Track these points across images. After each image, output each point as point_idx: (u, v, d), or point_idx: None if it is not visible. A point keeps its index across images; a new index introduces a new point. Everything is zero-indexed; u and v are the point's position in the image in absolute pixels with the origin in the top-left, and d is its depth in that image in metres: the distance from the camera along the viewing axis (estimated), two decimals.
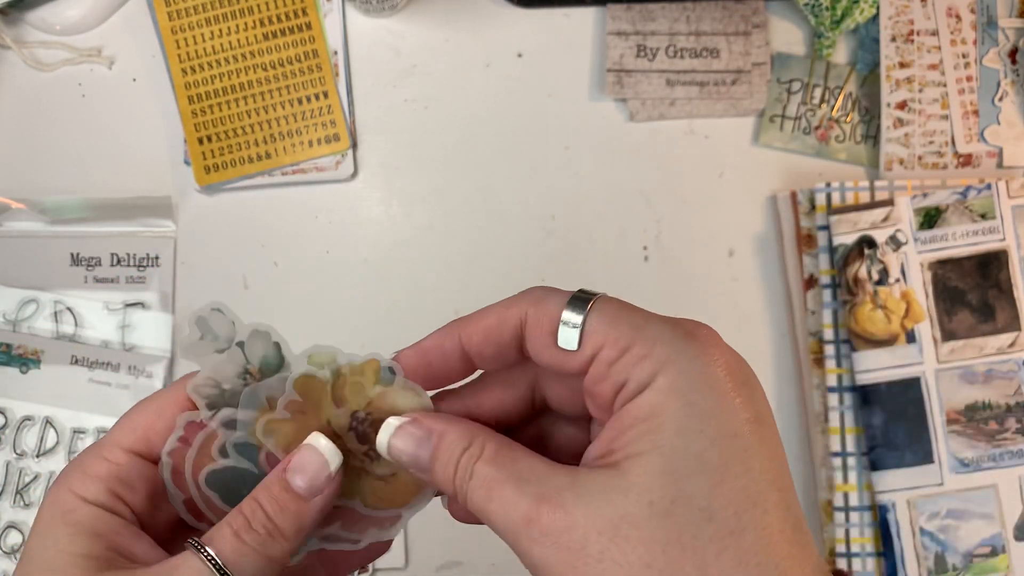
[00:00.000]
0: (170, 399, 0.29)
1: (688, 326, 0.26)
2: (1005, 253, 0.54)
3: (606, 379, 0.25)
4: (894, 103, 0.57)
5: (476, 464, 0.26)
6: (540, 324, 0.27)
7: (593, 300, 0.26)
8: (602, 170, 0.59)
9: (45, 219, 0.57)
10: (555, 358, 0.27)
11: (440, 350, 0.29)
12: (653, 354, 0.24)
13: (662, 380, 0.24)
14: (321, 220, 0.59)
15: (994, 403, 0.53)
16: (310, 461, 0.28)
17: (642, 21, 0.59)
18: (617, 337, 0.25)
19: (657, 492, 0.23)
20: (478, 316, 0.28)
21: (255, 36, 0.58)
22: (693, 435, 0.23)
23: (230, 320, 0.29)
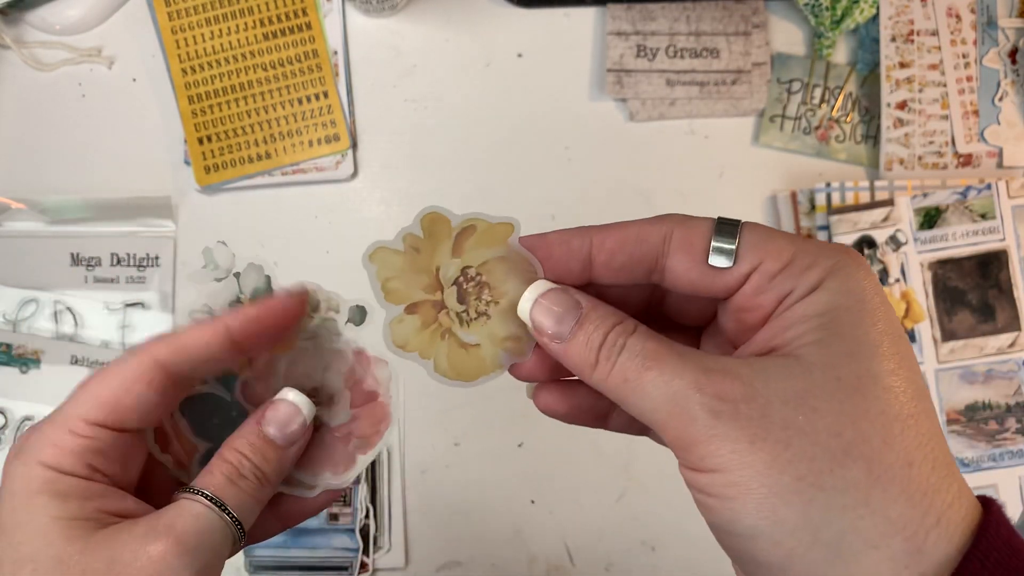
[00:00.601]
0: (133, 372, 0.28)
1: (841, 246, 0.26)
2: (1005, 253, 0.54)
3: (768, 291, 0.25)
4: (894, 103, 0.57)
5: (630, 338, 0.26)
6: (691, 242, 0.27)
7: (741, 223, 0.27)
8: (602, 170, 0.59)
9: (45, 219, 0.57)
10: (704, 276, 0.26)
11: (566, 245, 0.28)
12: (818, 263, 0.25)
13: (832, 283, 0.25)
14: (321, 220, 0.59)
15: (994, 403, 0.53)
16: (283, 411, 0.30)
17: (642, 21, 0.59)
18: (778, 251, 0.26)
19: (844, 369, 0.23)
20: (615, 225, 0.28)
21: (255, 36, 0.58)
22: (869, 327, 0.24)
23: (231, 253, 0.31)
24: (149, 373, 0.28)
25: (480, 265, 0.28)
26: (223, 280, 0.31)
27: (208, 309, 0.31)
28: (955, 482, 0.23)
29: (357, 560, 0.55)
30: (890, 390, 0.23)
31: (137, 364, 0.28)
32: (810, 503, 0.22)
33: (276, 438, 0.30)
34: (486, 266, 0.28)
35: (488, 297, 0.28)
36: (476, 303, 0.29)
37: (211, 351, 0.29)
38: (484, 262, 0.28)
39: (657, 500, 0.57)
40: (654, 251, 0.27)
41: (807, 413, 0.23)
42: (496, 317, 0.28)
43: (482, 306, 0.29)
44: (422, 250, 0.29)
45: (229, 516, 0.28)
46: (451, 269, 0.29)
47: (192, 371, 0.29)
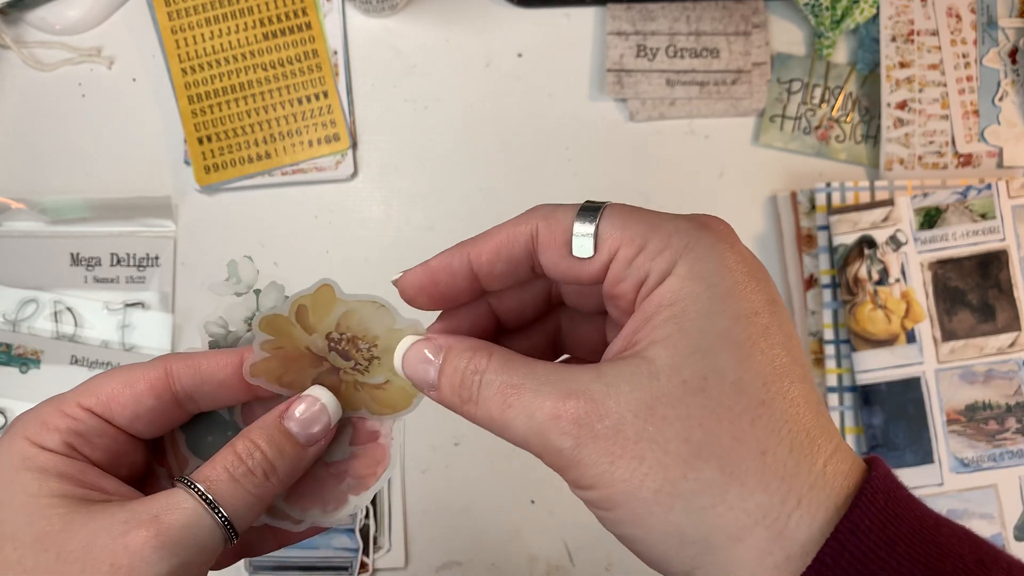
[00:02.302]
0: (140, 373, 0.28)
1: (702, 219, 0.26)
2: (1005, 253, 0.54)
3: (626, 278, 0.25)
4: (894, 103, 0.57)
5: (485, 375, 0.26)
6: (553, 236, 0.27)
7: (603, 207, 0.26)
8: (602, 170, 0.59)
9: (45, 219, 0.57)
10: (571, 268, 0.26)
11: (448, 269, 0.28)
12: (671, 245, 0.25)
13: (682, 267, 0.24)
14: (321, 220, 0.59)
15: (994, 403, 0.53)
16: (309, 408, 0.29)
17: (642, 21, 0.59)
18: (632, 236, 0.25)
19: (688, 370, 0.23)
20: (487, 235, 0.28)
21: (255, 36, 0.58)
22: (717, 315, 0.24)
23: (256, 269, 0.30)
24: (155, 379, 0.28)
25: (336, 327, 0.29)
26: (242, 296, 0.30)
27: (223, 323, 0.30)
28: (822, 454, 0.23)
29: (357, 560, 0.55)
30: (738, 383, 0.23)
31: (148, 368, 0.28)
32: (671, 510, 0.23)
33: (298, 435, 0.28)
34: (340, 326, 0.29)
35: (364, 345, 0.29)
36: (359, 355, 0.29)
37: (222, 380, 0.29)
38: (336, 323, 0.29)
39: None
40: (526, 250, 0.27)
41: (656, 423, 0.23)
42: (384, 357, 0.29)
43: (366, 355, 0.29)
44: (284, 346, 0.29)
45: (219, 515, 0.26)
46: (318, 342, 0.29)
47: (199, 394, 0.29)
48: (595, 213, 0.26)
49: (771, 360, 0.24)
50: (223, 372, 0.29)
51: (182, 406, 0.29)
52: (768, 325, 0.24)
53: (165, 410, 0.29)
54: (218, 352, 0.29)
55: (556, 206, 0.27)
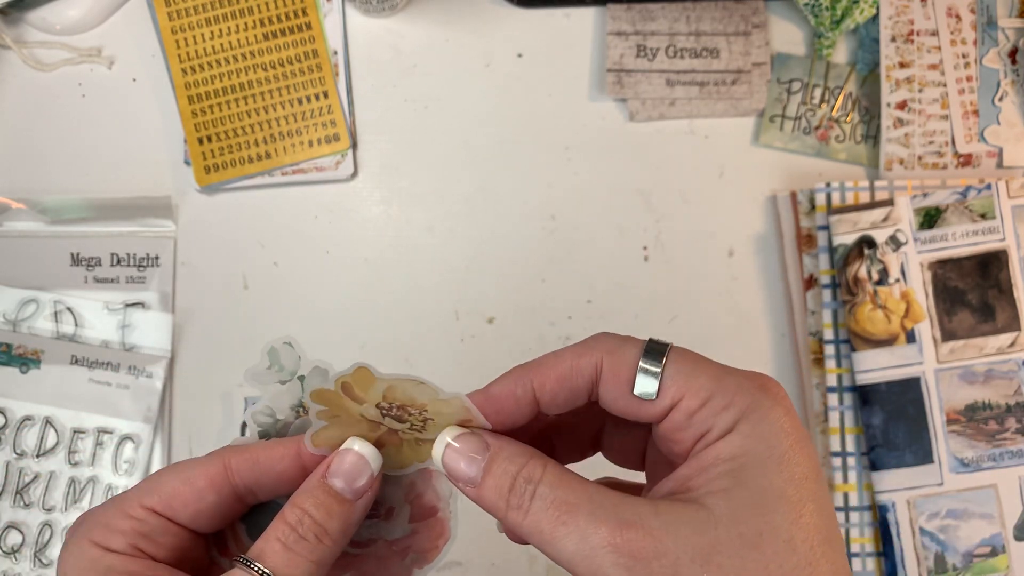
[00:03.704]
0: (201, 470, 0.28)
1: (760, 379, 0.27)
2: (1005, 253, 0.54)
3: (687, 428, 0.27)
4: (894, 103, 0.57)
5: (539, 486, 0.26)
6: (616, 374, 0.28)
7: (668, 350, 0.27)
8: (602, 170, 0.59)
9: (45, 219, 0.57)
10: (631, 407, 0.28)
11: (512, 397, 0.29)
12: (735, 404, 0.26)
13: (745, 426, 0.26)
14: (321, 220, 0.59)
15: (994, 403, 0.53)
16: (350, 463, 0.29)
17: (642, 21, 0.59)
18: (698, 388, 0.27)
19: (745, 525, 0.25)
20: (550, 362, 0.29)
21: (255, 36, 0.58)
22: (774, 476, 0.25)
23: (297, 355, 0.30)
24: (215, 475, 0.28)
25: (381, 398, 0.29)
26: (287, 383, 0.30)
27: (271, 411, 0.30)
28: None
29: None
30: (790, 542, 0.24)
31: (207, 464, 0.29)
32: None
33: (343, 491, 0.28)
34: (387, 397, 0.29)
35: (415, 411, 0.29)
36: (412, 418, 0.29)
37: (280, 471, 0.29)
38: (382, 395, 0.29)
39: None
40: (589, 382, 0.28)
41: (712, 570, 0.24)
42: (437, 419, 0.29)
43: (419, 418, 0.29)
44: (339, 414, 0.29)
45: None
46: (371, 410, 0.29)
47: (258, 487, 0.29)
48: (660, 355, 0.27)
49: (818, 524, 0.25)
50: (281, 464, 0.29)
51: (242, 499, 0.29)
52: (816, 489, 0.26)
53: (226, 504, 0.29)
54: (274, 443, 0.29)
55: (621, 340, 0.28)
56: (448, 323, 0.58)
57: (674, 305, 0.58)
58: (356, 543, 0.31)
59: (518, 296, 0.58)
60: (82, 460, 0.55)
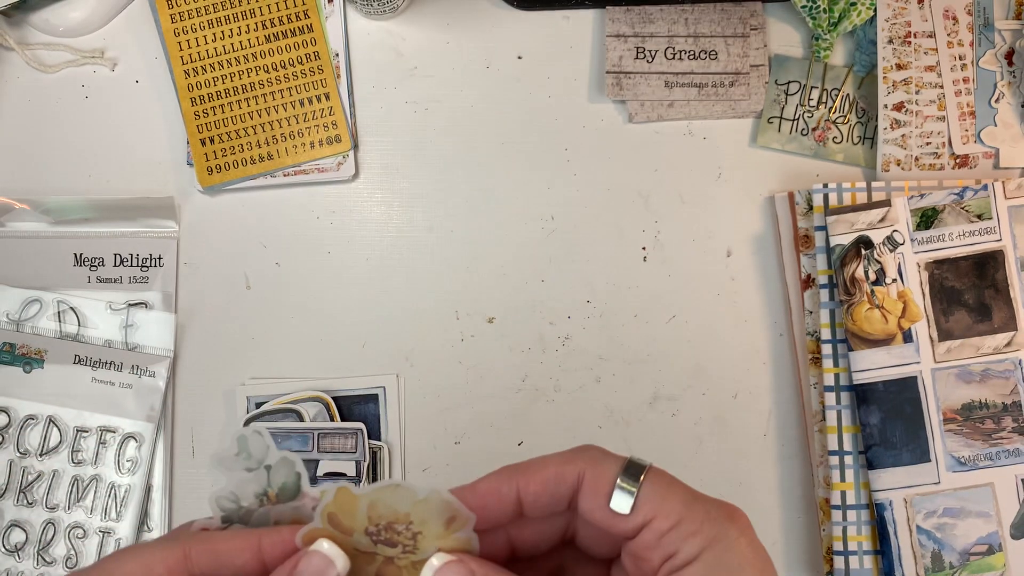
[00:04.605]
0: (159, 557, 0.28)
1: (727, 509, 0.29)
2: (1001, 253, 0.54)
3: (656, 547, 0.28)
4: (891, 104, 0.58)
5: None
6: (596, 485, 0.29)
7: (646, 470, 0.29)
8: (601, 171, 0.59)
9: (48, 219, 0.58)
10: (606, 519, 0.29)
11: (497, 495, 0.30)
12: (702, 531, 0.28)
13: (709, 555, 0.27)
14: (323, 221, 0.59)
15: (991, 402, 0.53)
16: (317, 565, 0.29)
17: (641, 23, 0.59)
18: (669, 511, 0.28)
19: None
20: (536, 467, 0.30)
21: (257, 38, 0.58)
22: None
23: (266, 444, 0.30)
24: (175, 564, 0.28)
25: (368, 521, 0.29)
26: (254, 471, 0.30)
27: (235, 498, 0.30)
28: None
29: None
30: None
31: (166, 551, 0.28)
32: None
33: None
34: (372, 519, 0.29)
35: (401, 527, 0.29)
36: (401, 538, 0.30)
37: (240, 565, 0.29)
38: (367, 518, 0.29)
39: None
40: (570, 489, 0.30)
41: None
42: (423, 529, 0.30)
43: (407, 535, 0.30)
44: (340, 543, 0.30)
45: None
46: (361, 540, 0.30)
47: None
48: (638, 474, 0.29)
49: None
50: (241, 557, 0.29)
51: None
52: None
53: None
54: (236, 535, 0.29)
55: (604, 454, 0.30)
56: (448, 323, 0.58)
57: (672, 305, 0.59)
58: None
59: (518, 296, 0.58)
60: (85, 459, 0.56)
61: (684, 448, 0.58)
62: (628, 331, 0.58)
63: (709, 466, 0.57)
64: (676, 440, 0.58)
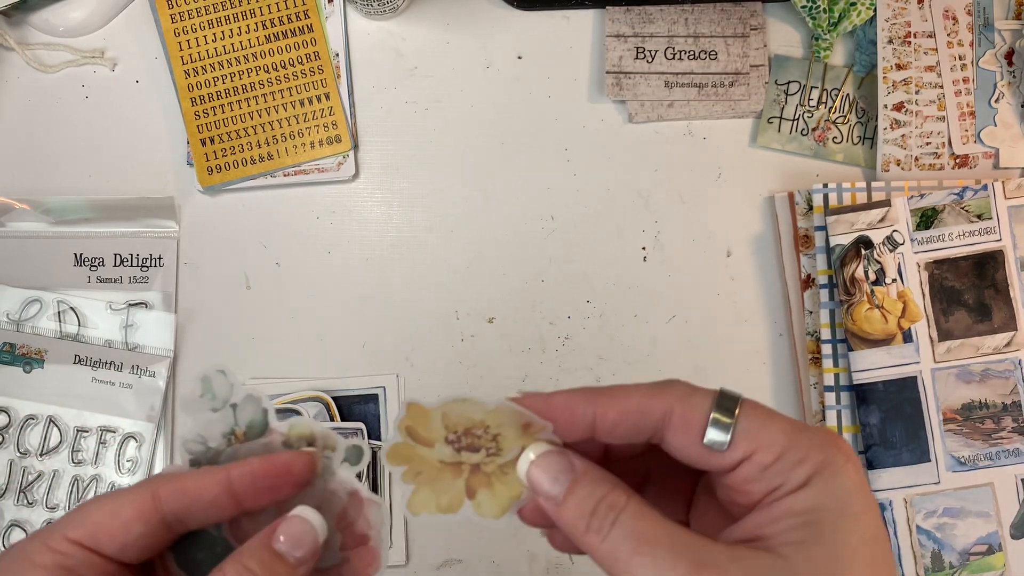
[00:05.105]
0: (127, 500, 0.28)
1: (832, 437, 0.28)
2: (1001, 253, 0.54)
3: (758, 480, 0.27)
4: (891, 104, 0.58)
5: (622, 514, 0.27)
6: (687, 421, 0.28)
7: (740, 403, 0.28)
8: (601, 171, 0.59)
9: (49, 220, 0.58)
10: (701, 456, 0.28)
11: (570, 411, 0.29)
12: (809, 459, 0.27)
13: (819, 482, 0.26)
14: (323, 221, 0.59)
15: (990, 402, 0.53)
16: (299, 529, 0.29)
17: (641, 23, 0.59)
18: (771, 443, 0.27)
19: None
20: (618, 394, 0.29)
21: (257, 38, 0.58)
22: (849, 533, 0.26)
23: (230, 383, 0.30)
24: (143, 504, 0.28)
25: (447, 428, 0.29)
26: (219, 411, 0.30)
27: (202, 439, 0.30)
28: None
29: None
30: None
31: (134, 494, 0.28)
32: None
33: (287, 555, 0.28)
34: (449, 427, 0.29)
35: (479, 431, 0.29)
36: (483, 441, 0.29)
37: (210, 500, 0.29)
38: (444, 427, 0.29)
39: None
40: (655, 424, 0.28)
41: None
42: (503, 432, 0.29)
43: (488, 439, 0.29)
44: (422, 470, 0.30)
45: None
46: (444, 450, 0.29)
47: (187, 516, 0.29)
48: (732, 407, 0.28)
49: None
50: (211, 492, 0.29)
51: (171, 529, 0.29)
52: (885, 552, 0.26)
53: (153, 535, 0.28)
54: (204, 471, 0.29)
55: (692, 389, 0.28)
56: (448, 323, 0.58)
57: (672, 305, 0.59)
58: None
59: (518, 296, 0.58)
60: (85, 459, 0.56)
61: None
62: (628, 331, 0.58)
63: None
64: None
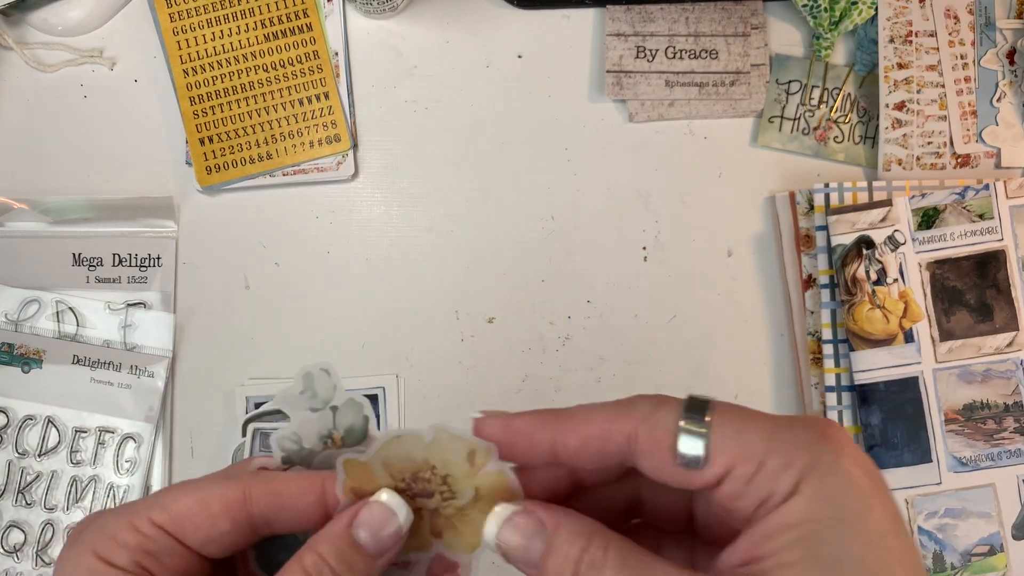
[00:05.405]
0: (218, 493, 0.27)
1: (819, 426, 0.25)
2: (1003, 253, 0.54)
3: (744, 496, 0.24)
4: (892, 104, 0.57)
5: (603, 571, 0.25)
6: (655, 442, 0.25)
7: (710, 408, 0.25)
8: (601, 170, 0.59)
9: (47, 219, 0.58)
10: (677, 477, 0.25)
11: (528, 439, 0.27)
12: (793, 463, 0.24)
13: (808, 487, 0.23)
14: (322, 220, 0.59)
15: (992, 403, 0.53)
16: (379, 515, 0.27)
17: (641, 22, 0.59)
18: (749, 452, 0.24)
19: None
20: (579, 419, 0.27)
21: (256, 37, 0.58)
22: (849, 540, 0.23)
23: (333, 384, 0.29)
24: (232, 502, 0.27)
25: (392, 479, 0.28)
26: (318, 412, 0.29)
27: (297, 439, 0.29)
28: None
29: None
30: None
31: (225, 488, 0.27)
32: None
33: (367, 544, 0.27)
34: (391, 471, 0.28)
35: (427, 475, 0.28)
36: (433, 485, 0.28)
37: (302, 508, 0.28)
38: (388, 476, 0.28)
39: None
40: (620, 448, 0.26)
41: None
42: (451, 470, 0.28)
43: (438, 481, 0.28)
44: None
45: None
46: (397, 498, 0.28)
47: (276, 520, 0.28)
48: (702, 416, 0.25)
49: None
50: (304, 501, 0.28)
51: (256, 530, 0.28)
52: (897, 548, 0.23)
53: (239, 533, 0.27)
54: (299, 477, 0.28)
55: (657, 403, 0.26)
56: (448, 323, 0.58)
57: (673, 305, 0.58)
58: None
59: (518, 296, 0.58)
60: (84, 459, 0.56)
61: None
62: (628, 331, 0.58)
63: None
64: None
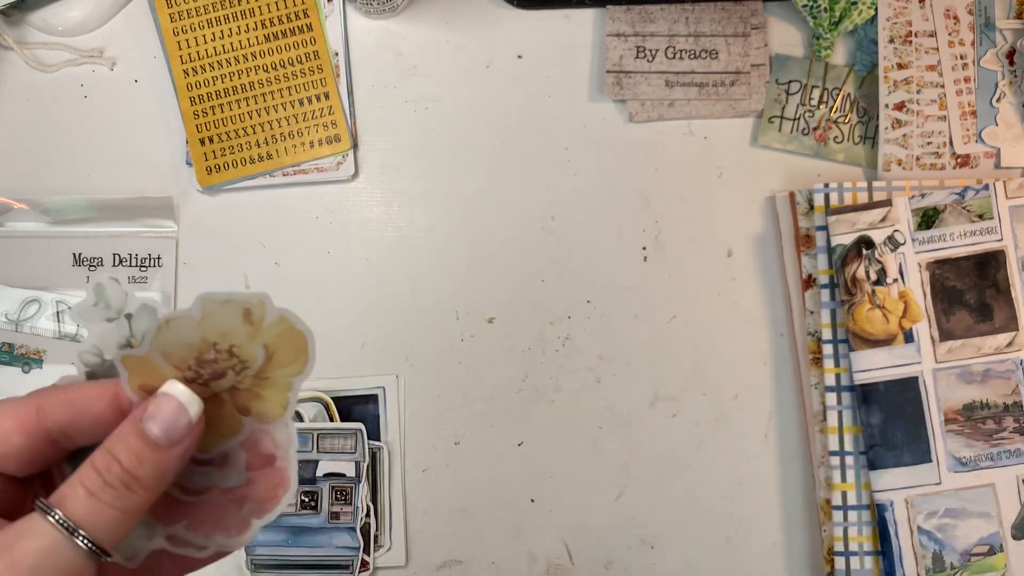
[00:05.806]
0: (10, 410, 0.27)
1: None
2: (1003, 253, 0.54)
3: None
4: (892, 104, 0.57)
5: None
6: None
7: None
8: (601, 171, 0.59)
9: (47, 219, 0.58)
10: None
11: None
12: None
13: None
14: (322, 220, 0.59)
15: (992, 403, 0.53)
16: (168, 409, 0.27)
17: (641, 22, 0.59)
18: None
19: None
20: None
21: (256, 37, 0.58)
22: None
23: (124, 292, 0.29)
24: (24, 416, 0.27)
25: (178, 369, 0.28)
26: (114, 321, 0.29)
27: (98, 351, 0.29)
28: None
29: (358, 559, 0.55)
30: None
31: (17, 405, 0.27)
32: None
33: (158, 438, 0.26)
34: (179, 365, 0.28)
35: (212, 355, 0.28)
36: (222, 363, 0.28)
37: (97, 414, 0.27)
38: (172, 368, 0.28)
39: (656, 499, 0.57)
40: None
41: None
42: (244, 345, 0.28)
43: (225, 356, 0.28)
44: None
45: (79, 536, 0.25)
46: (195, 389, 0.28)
47: (74, 430, 0.27)
48: None
49: None
50: (98, 406, 0.27)
51: (56, 443, 0.28)
52: None
53: (37, 448, 0.27)
54: (91, 384, 0.28)
55: None
56: (448, 323, 0.58)
57: (673, 305, 0.58)
58: (189, 490, 0.29)
59: (518, 296, 0.58)
60: None
61: (684, 448, 0.57)
62: (628, 331, 0.58)
63: (709, 466, 0.57)
64: (676, 440, 0.57)
